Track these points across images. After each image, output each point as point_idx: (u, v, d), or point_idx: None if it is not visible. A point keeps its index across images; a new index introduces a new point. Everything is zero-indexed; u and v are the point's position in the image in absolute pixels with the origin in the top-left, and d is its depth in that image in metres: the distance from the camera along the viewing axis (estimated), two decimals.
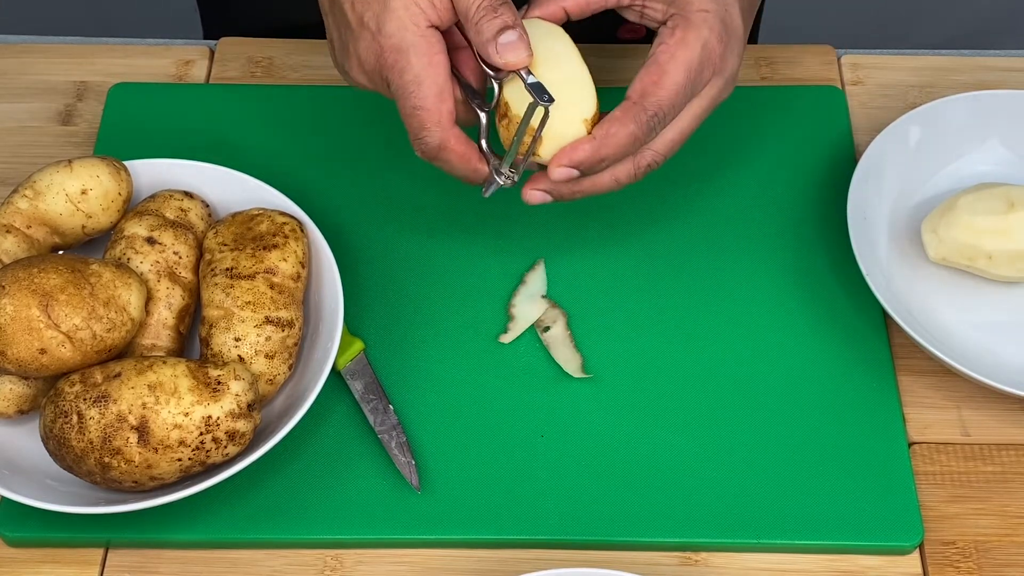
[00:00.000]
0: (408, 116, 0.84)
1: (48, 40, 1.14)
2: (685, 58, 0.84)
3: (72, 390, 0.83)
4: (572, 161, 0.84)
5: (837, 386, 0.93)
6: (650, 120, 0.84)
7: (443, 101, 0.83)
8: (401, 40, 0.82)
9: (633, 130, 0.83)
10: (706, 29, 0.85)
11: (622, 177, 0.87)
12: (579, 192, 0.87)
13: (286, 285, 0.89)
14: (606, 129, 0.84)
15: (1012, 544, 0.88)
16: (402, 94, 0.83)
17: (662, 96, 0.84)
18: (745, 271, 0.98)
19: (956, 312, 0.96)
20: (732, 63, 0.87)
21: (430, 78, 0.82)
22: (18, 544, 0.88)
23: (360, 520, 0.88)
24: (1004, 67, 1.11)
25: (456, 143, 0.84)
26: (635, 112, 0.83)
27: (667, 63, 0.84)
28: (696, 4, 0.85)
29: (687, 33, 0.85)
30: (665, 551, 0.87)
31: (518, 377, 0.94)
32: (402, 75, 0.82)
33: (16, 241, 0.90)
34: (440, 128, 0.83)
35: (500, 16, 0.81)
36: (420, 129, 0.83)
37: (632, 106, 0.84)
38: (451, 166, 0.85)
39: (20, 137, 1.07)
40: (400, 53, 0.82)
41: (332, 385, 0.93)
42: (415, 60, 0.82)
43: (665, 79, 0.84)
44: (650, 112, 0.84)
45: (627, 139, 0.84)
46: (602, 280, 0.98)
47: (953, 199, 0.96)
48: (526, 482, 0.89)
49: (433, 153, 0.84)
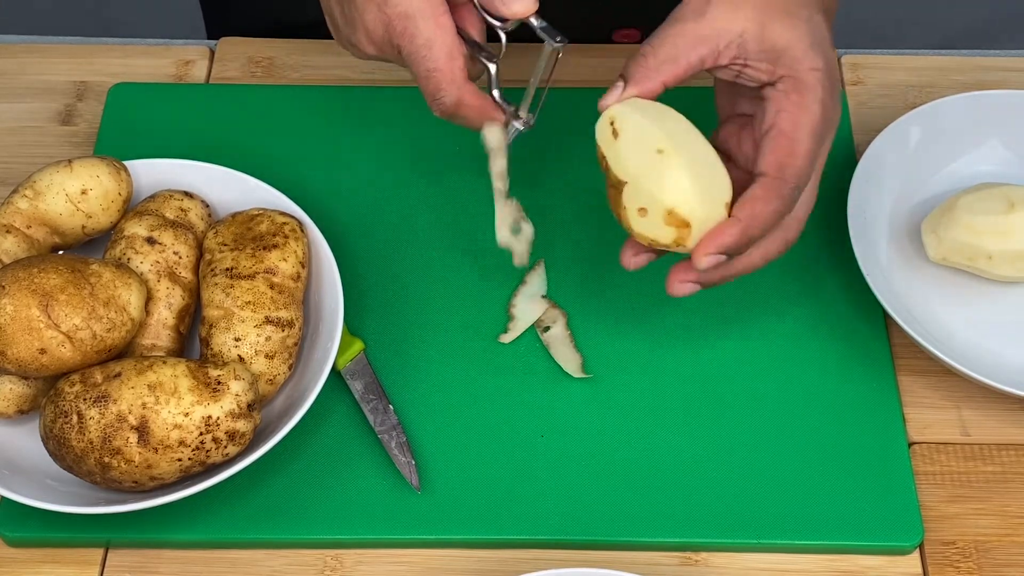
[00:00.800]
0: (423, 79, 0.84)
1: (48, 40, 1.14)
2: (810, 123, 0.82)
3: (72, 390, 0.83)
4: (719, 247, 0.81)
5: (837, 386, 0.93)
6: (792, 193, 0.82)
7: (454, 59, 0.83)
8: (408, 7, 0.82)
9: (777, 207, 0.82)
10: (820, 89, 0.82)
11: (772, 253, 0.85)
12: (729, 276, 0.86)
13: (286, 285, 0.89)
14: (751, 210, 0.81)
15: (1012, 544, 0.88)
16: (415, 59, 0.84)
17: (800, 166, 0.82)
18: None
19: (956, 312, 0.96)
20: (839, 112, 0.85)
21: (439, 39, 0.83)
22: (18, 544, 0.88)
23: (360, 520, 0.88)
24: (1004, 67, 1.11)
25: (471, 98, 0.84)
26: (777, 187, 0.81)
27: (795, 132, 0.82)
28: (805, 63, 0.82)
29: (804, 96, 0.82)
30: (665, 551, 0.87)
31: (518, 377, 0.94)
32: (412, 40, 0.83)
33: (16, 241, 0.90)
34: (455, 86, 0.83)
35: None
36: (436, 90, 0.84)
37: (772, 181, 0.81)
38: (468, 120, 0.86)
39: (20, 137, 1.07)
40: (408, 19, 0.83)
41: (332, 385, 0.93)
42: (423, 24, 0.82)
43: (797, 148, 0.81)
44: (791, 185, 0.82)
45: (773, 216, 0.82)
46: (602, 280, 0.98)
47: (953, 199, 0.96)
48: (526, 482, 0.89)
49: (451, 110, 0.85)
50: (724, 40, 0.82)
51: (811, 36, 0.82)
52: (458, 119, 0.86)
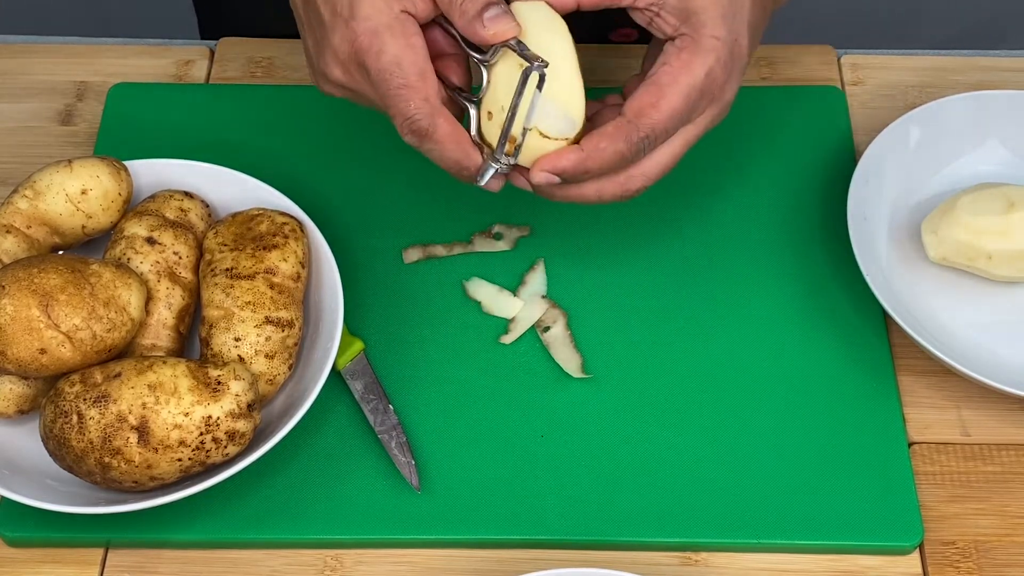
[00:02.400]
0: (392, 97, 0.81)
1: (48, 40, 1.14)
2: (687, 83, 0.82)
3: (72, 390, 0.83)
4: (555, 168, 0.82)
5: (837, 386, 0.93)
6: (641, 141, 0.82)
7: (426, 80, 0.81)
8: (376, 23, 0.80)
9: (622, 148, 0.82)
10: (713, 57, 0.82)
11: (607, 195, 0.85)
12: (561, 196, 0.86)
13: (286, 285, 0.89)
14: (595, 143, 0.82)
15: (1012, 544, 0.88)
16: (382, 77, 0.81)
17: (657, 119, 0.82)
18: (745, 271, 0.98)
19: (956, 312, 0.96)
20: (731, 91, 0.85)
21: (409, 57, 0.80)
22: (18, 544, 0.88)
23: (360, 520, 0.88)
24: (1004, 67, 1.11)
25: (447, 123, 0.82)
26: (628, 131, 0.82)
27: (668, 86, 0.82)
28: (709, 28, 0.82)
29: (693, 57, 0.82)
30: (665, 551, 0.87)
31: (518, 377, 0.94)
32: (379, 58, 0.81)
33: (16, 241, 0.90)
34: (428, 104, 0.81)
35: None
36: (407, 108, 0.81)
37: (626, 124, 0.82)
38: (442, 149, 0.82)
39: (20, 137, 1.07)
40: (375, 35, 0.80)
41: (332, 385, 0.93)
42: (391, 41, 0.80)
43: (663, 102, 0.82)
44: (642, 133, 0.82)
45: (614, 156, 0.82)
46: (602, 280, 0.98)
47: (953, 199, 0.96)
48: (526, 482, 0.89)
49: (423, 132, 0.82)
50: None
51: (729, 7, 0.83)
52: (430, 145, 0.83)
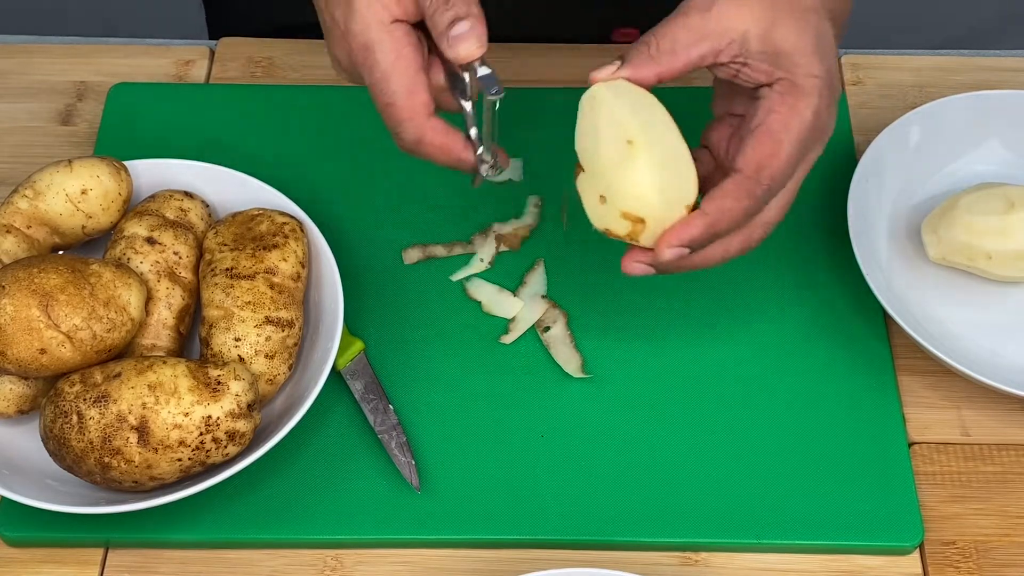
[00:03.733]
0: (382, 112, 0.82)
1: (48, 40, 1.14)
2: (798, 128, 0.80)
3: (72, 390, 0.83)
4: (683, 240, 0.80)
5: (837, 386, 0.93)
6: (765, 194, 0.80)
7: (414, 95, 0.80)
8: (366, 38, 0.80)
9: (747, 205, 0.80)
10: (816, 96, 0.80)
11: (732, 251, 0.83)
12: (686, 267, 0.84)
13: (286, 285, 0.89)
14: (719, 204, 0.80)
15: (1012, 544, 0.88)
16: (374, 91, 0.81)
17: (777, 169, 0.80)
18: (745, 271, 0.98)
19: (956, 312, 0.96)
20: (833, 124, 0.83)
21: (397, 73, 0.80)
22: (18, 544, 0.88)
23: (360, 520, 0.88)
24: (1004, 67, 1.11)
25: (433, 135, 0.81)
26: (750, 186, 0.80)
27: (781, 134, 0.80)
28: (804, 68, 0.80)
29: (798, 101, 0.80)
30: (665, 551, 0.87)
31: (518, 377, 0.94)
32: (372, 72, 0.81)
33: (16, 241, 0.90)
34: (413, 123, 0.81)
35: (452, 8, 0.79)
36: (396, 125, 0.81)
37: (746, 180, 0.80)
38: (432, 158, 0.83)
39: (20, 137, 1.07)
40: (367, 50, 0.81)
41: (332, 385, 0.93)
42: (381, 57, 0.80)
43: (779, 150, 0.80)
44: (764, 186, 0.80)
45: (741, 215, 0.80)
46: (602, 280, 0.98)
47: (953, 199, 0.96)
48: (526, 482, 0.89)
49: (411, 148, 0.82)
50: (727, 38, 0.80)
51: (816, 42, 0.81)
52: (420, 155, 0.83)
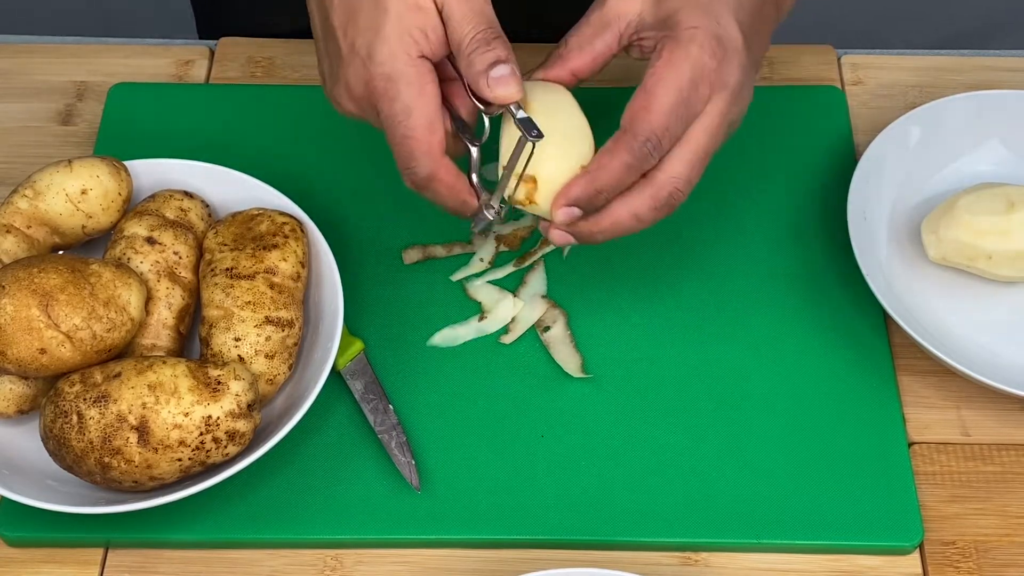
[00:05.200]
0: (397, 144, 0.82)
1: (48, 40, 1.14)
2: (674, 78, 0.81)
3: (72, 390, 0.83)
4: (568, 199, 0.82)
5: (837, 386, 0.93)
6: (643, 146, 0.81)
7: (433, 132, 0.81)
8: (392, 69, 0.81)
9: (625, 158, 0.81)
10: (695, 46, 0.81)
11: (643, 212, 0.83)
12: (600, 232, 0.84)
13: (286, 285, 0.89)
14: (598, 160, 0.81)
15: (1012, 544, 0.88)
16: (391, 123, 0.82)
17: (653, 120, 0.80)
18: (745, 271, 0.98)
19: (956, 312, 0.96)
20: (734, 76, 0.83)
21: (420, 108, 0.81)
22: (18, 544, 0.88)
23: (360, 520, 0.88)
24: (1004, 67, 1.11)
25: (446, 174, 0.83)
26: (626, 140, 0.81)
27: (654, 86, 0.81)
28: (685, 23, 0.82)
29: (674, 53, 0.81)
30: (665, 551, 0.87)
31: (518, 377, 0.94)
32: (392, 104, 0.81)
33: (16, 241, 0.90)
34: (430, 158, 0.82)
35: (493, 50, 0.80)
36: (409, 159, 0.82)
37: (623, 134, 0.81)
38: (440, 197, 0.84)
39: (20, 137, 1.07)
40: (390, 81, 0.81)
41: (332, 385, 0.93)
42: (405, 89, 0.81)
43: (653, 103, 0.80)
44: (641, 138, 0.80)
45: (620, 168, 0.81)
46: (602, 280, 0.98)
47: (953, 199, 0.96)
48: (526, 482, 0.89)
49: (422, 183, 0.83)
50: (623, 22, 0.83)
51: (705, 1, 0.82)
52: (428, 192, 0.84)
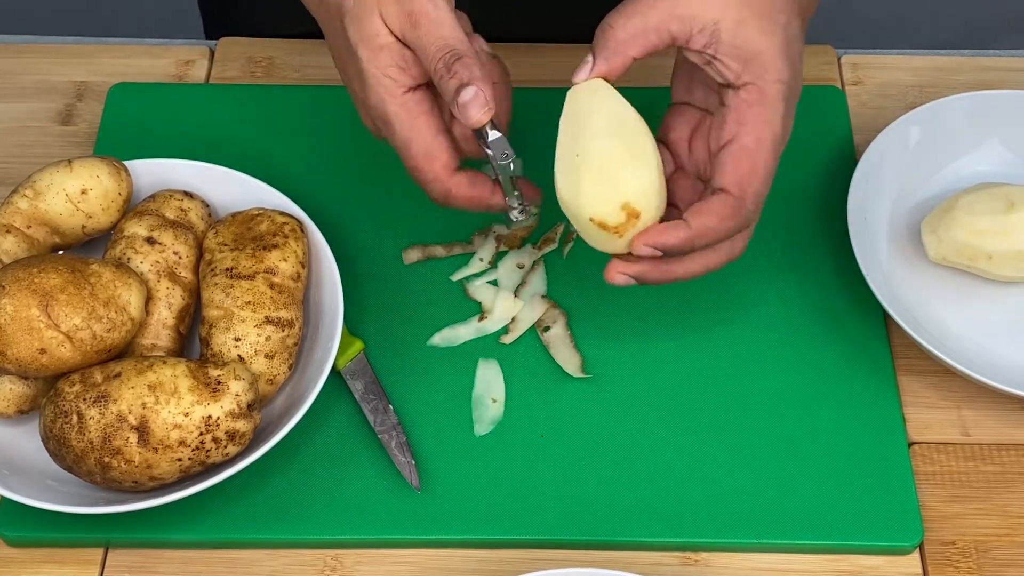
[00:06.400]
0: (410, 174, 0.85)
1: (48, 40, 1.14)
2: (771, 141, 0.81)
3: (72, 390, 0.83)
4: (659, 245, 0.82)
5: (837, 386, 0.93)
6: (748, 213, 0.82)
7: (433, 159, 0.83)
8: (383, 112, 0.83)
9: (733, 225, 0.82)
10: (783, 104, 0.81)
11: (712, 266, 0.85)
12: (666, 278, 0.85)
13: (286, 285, 0.89)
14: (705, 222, 0.81)
15: (1012, 544, 0.88)
16: (400, 155, 0.85)
17: (758, 186, 0.81)
18: (745, 271, 0.98)
19: (956, 312, 0.96)
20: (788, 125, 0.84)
21: (415, 140, 0.83)
22: (18, 544, 0.88)
23: (360, 520, 0.88)
24: (1004, 67, 1.11)
25: (459, 191, 0.84)
26: (736, 206, 0.81)
27: (757, 150, 0.81)
28: (772, 73, 0.81)
29: (766, 111, 0.81)
30: (665, 551, 0.87)
31: (518, 377, 0.94)
32: (393, 140, 0.84)
33: (16, 241, 0.90)
34: (438, 183, 0.84)
35: (455, 75, 0.80)
36: (422, 185, 0.85)
37: (734, 200, 0.81)
38: (464, 209, 0.86)
39: (20, 137, 1.07)
40: (385, 123, 0.83)
41: (332, 385, 0.93)
42: (397, 127, 0.83)
43: (759, 167, 0.81)
44: (749, 205, 0.81)
45: (726, 234, 0.82)
46: (602, 280, 0.98)
47: (953, 199, 0.96)
48: (526, 482, 0.89)
49: (441, 202, 0.85)
50: (698, 24, 0.81)
51: (784, 44, 0.81)
52: (452, 207, 0.86)
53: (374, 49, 0.81)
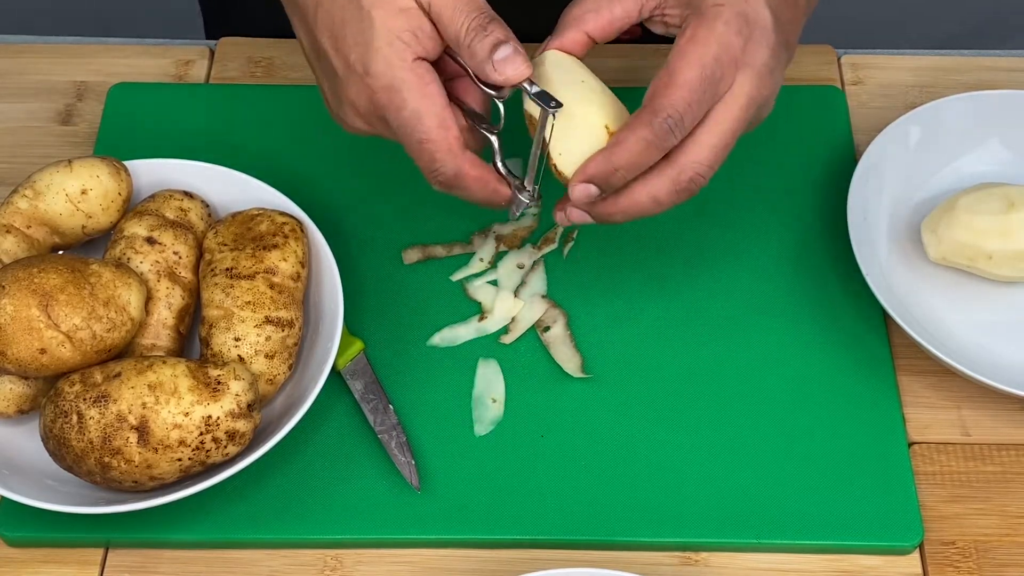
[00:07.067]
0: (416, 151, 0.81)
1: (48, 40, 1.14)
2: (697, 55, 0.79)
3: (72, 390, 0.83)
4: (586, 175, 0.80)
5: (837, 386, 0.93)
6: (663, 122, 0.78)
7: (448, 129, 0.81)
8: (391, 79, 0.80)
9: (644, 134, 0.79)
10: (720, 23, 0.79)
11: (661, 194, 0.81)
12: (618, 212, 0.83)
13: (286, 285, 0.89)
14: (616, 137, 0.80)
15: (1012, 544, 0.88)
16: (405, 131, 0.81)
17: (674, 96, 0.78)
18: (745, 271, 0.98)
19: (956, 312, 0.96)
20: (760, 56, 0.81)
21: (427, 109, 0.80)
22: (18, 544, 0.88)
23: (360, 520, 0.88)
24: (1004, 67, 1.11)
25: (471, 168, 0.82)
26: (645, 116, 0.79)
27: (676, 63, 0.79)
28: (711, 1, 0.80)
29: (698, 30, 0.79)
30: (665, 551, 0.87)
31: (518, 377, 0.94)
32: (400, 112, 0.80)
33: (16, 241, 0.90)
34: (451, 155, 0.81)
35: (491, 34, 0.79)
36: (431, 161, 0.81)
37: (643, 111, 0.79)
38: (470, 192, 0.83)
39: (20, 137, 1.07)
40: (392, 91, 0.80)
41: (332, 385, 0.93)
42: (408, 95, 0.80)
43: (675, 78, 0.79)
44: (662, 114, 0.78)
45: (640, 145, 0.79)
46: (602, 280, 0.98)
47: (953, 199, 0.96)
48: (526, 482, 0.89)
49: (450, 182, 0.82)
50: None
51: None
52: (458, 191, 0.83)
53: (391, 12, 0.80)
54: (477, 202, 0.84)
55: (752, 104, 0.81)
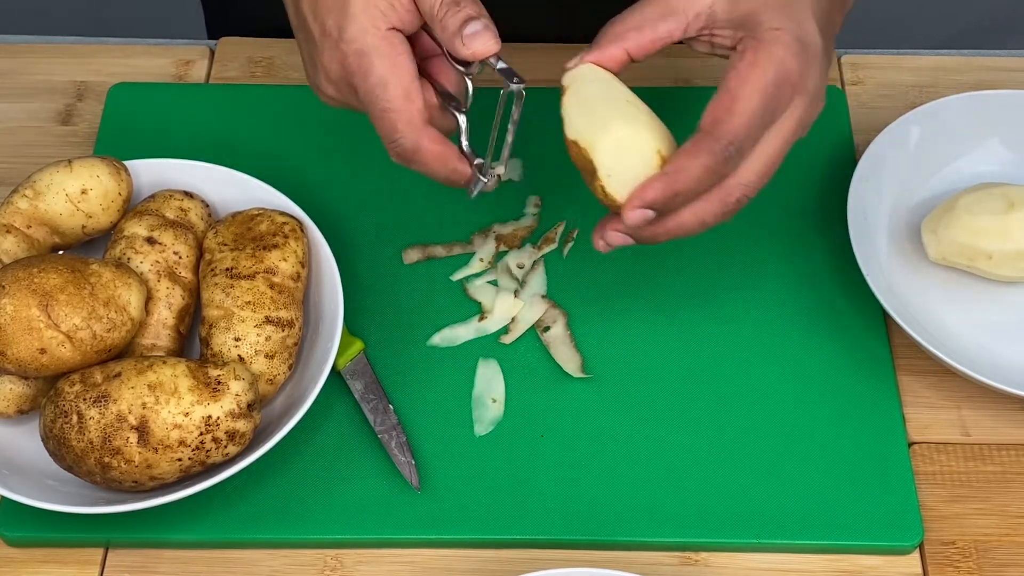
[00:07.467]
0: (378, 120, 0.81)
1: (48, 40, 1.14)
2: (759, 81, 0.79)
3: (72, 390, 0.83)
4: (644, 201, 0.79)
5: (837, 386, 0.93)
6: (725, 150, 0.78)
7: (411, 101, 0.80)
8: (363, 44, 0.80)
9: (706, 162, 0.78)
10: (780, 48, 0.79)
11: (708, 217, 0.82)
12: (663, 235, 0.83)
13: (286, 285, 0.89)
14: (677, 163, 0.79)
15: (1012, 544, 0.88)
16: (369, 99, 0.81)
17: (736, 124, 0.78)
18: (745, 271, 0.98)
19: (956, 312, 0.96)
20: (813, 80, 0.81)
21: (395, 78, 0.80)
22: (18, 544, 0.88)
23: (360, 520, 0.88)
24: (1004, 67, 1.11)
25: (430, 143, 0.81)
26: (708, 143, 0.78)
27: (738, 88, 0.79)
28: (767, 23, 0.80)
29: (758, 55, 0.79)
30: (665, 551, 0.87)
31: (518, 377, 0.94)
32: (367, 78, 0.80)
33: (16, 241, 0.90)
34: (411, 128, 0.81)
35: (463, 9, 0.79)
36: (392, 131, 0.81)
37: (704, 137, 0.79)
38: (428, 167, 0.83)
39: (20, 137, 1.07)
40: (363, 56, 0.80)
41: (332, 385, 0.93)
42: (378, 62, 0.80)
43: (737, 105, 0.78)
44: (724, 141, 0.78)
45: (701, 172, 0.79)
46: (602, 280, 0.98)
47: (953, 199, 0.96)
48: (526, 482, 0.89)
49: (408, 155, 0.82)
50: (692, 11, 0.81)
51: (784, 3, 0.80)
52: (416, 165, 0.83)
53: None
54: (436, 178, 0.84)
55: (801, 126, 0.82)
